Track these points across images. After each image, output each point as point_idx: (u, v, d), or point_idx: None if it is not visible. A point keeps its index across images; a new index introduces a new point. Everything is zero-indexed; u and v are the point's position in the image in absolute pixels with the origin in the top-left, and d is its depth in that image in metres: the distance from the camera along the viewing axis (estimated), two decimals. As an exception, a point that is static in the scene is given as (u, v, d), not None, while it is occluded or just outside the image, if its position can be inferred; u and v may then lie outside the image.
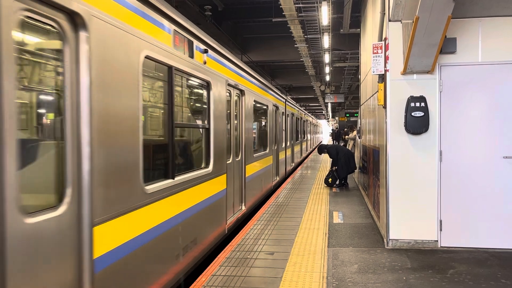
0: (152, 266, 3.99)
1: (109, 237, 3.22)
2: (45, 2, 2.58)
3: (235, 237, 6.54)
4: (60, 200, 2.76)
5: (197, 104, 5.96)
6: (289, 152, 16.25)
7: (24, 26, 2.50)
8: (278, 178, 12.80)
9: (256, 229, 7.04)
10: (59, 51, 2.79)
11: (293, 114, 17.68)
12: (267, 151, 10.80)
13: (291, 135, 17.26)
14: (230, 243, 6.21)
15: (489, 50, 5.81)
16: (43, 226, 2.55)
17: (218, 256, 5.64)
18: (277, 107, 12.67)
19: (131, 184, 3.56)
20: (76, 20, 2.85)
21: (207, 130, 5.93)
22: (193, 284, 4.65)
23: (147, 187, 3.86)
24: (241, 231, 6.94)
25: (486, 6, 5.71)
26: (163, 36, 4.26)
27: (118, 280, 3.37)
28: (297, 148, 19.73)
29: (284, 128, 14.69)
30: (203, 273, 4.97)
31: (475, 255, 5.60)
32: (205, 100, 5.91)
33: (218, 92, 6.24)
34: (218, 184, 6.23)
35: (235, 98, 7.78)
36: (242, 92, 8.09)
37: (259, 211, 8.51)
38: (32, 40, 2.68)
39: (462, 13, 5.71)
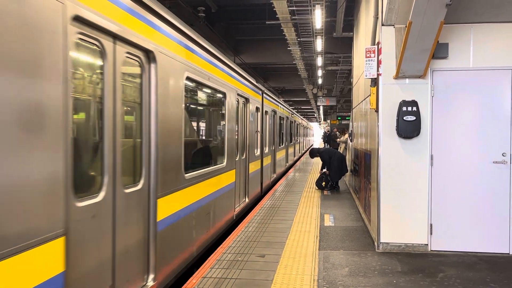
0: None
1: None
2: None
3: (226, 239, 6.53)
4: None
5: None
6: (268, 160, 12.65)
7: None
8: (246, 200, 9.28)
9: (247, 231, 7.02)
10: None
11: (275, 112, 14.21)
12: (224, 164, 7.06)
13: (272, 139, 13.90)
14: (221, 245, 6.19)
15: (481, 56, 5.86)
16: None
17: (209, 258, 5.62)
18: (246, 100, 9.13)
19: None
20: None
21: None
22: (183, 286, 4.63)
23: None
24: (233, 232, 6.93)
25: (478, 12, 5.76)
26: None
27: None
28: (280, 155, 16.38)
29: (259, 130, 11.14)
30: (193, 275, 4.95)
31: (464, 259, 5.64)
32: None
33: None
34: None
35: None
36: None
37: (250, 213, 8.51)
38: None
39: (454, 19, 5.76)
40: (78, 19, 2.91)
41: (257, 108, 10.67)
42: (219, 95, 7.01)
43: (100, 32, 3.24)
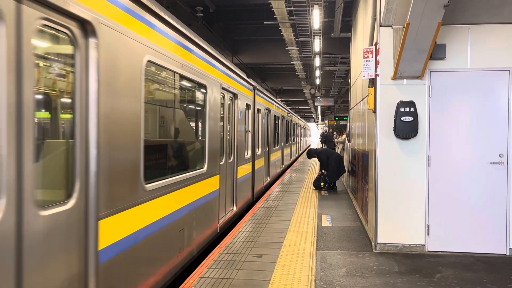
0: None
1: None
2: None
3: (224, 239, 6.52)
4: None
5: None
6: (260, 163, 11.36)
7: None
8: (234, 209, 8.34)
9: (244, 231, 7.02)
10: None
11: (269, 111, 12.99)
12: (204, 169, 5.99)
13: (266, 140, 12.67)
14: (218, 245, 6.19)
15: (478, 57, 5.88)
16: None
17: (207, 258, 5.61)
18: (234, 95, 8.08)
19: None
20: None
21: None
22: (181, 286, 4.63)
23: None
24: (230, 233, 6.92)
25: (475, 13, 5.77)
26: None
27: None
28: (275, 157, 15.06)
29: (250, 129, 10.03)
30: (191, 275, 4.95)
31: (461, 260, 5.65)
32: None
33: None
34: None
35: None
36: None
37: (247, 214, 8.50)
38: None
39: (452, 20, 5.77)
40: None
41: (247, 106, 9.51)
42: (198, 88, 5.89)
43: None
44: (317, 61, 16.73)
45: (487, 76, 5.90)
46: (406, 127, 5.88)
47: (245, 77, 9.02)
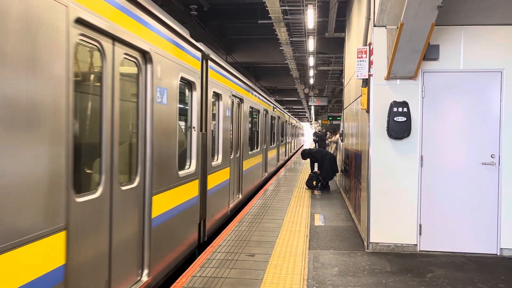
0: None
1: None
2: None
3: (216, 238, 6.52)
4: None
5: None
6: (225, 174, 7.96)
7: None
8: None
9: (237, 230, 7.02)
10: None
11: (241, 100, 9.58)
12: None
13: (235, 142, 9.25)
14: (211, 244, 6.18)
15: (471, 58, 5.91)
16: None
17: (199, 257, 5.60)
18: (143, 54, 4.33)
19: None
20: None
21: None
22: (173, 285, 4.61)
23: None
24: (223, 232, 6.92)
25: (468, 15, 5.80)
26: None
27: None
28: (253, 163, 11.41)
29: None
30: (183, 274, 4.93)
31: (453, 260, 5.69)
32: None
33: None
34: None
35: None
36: None
37: (240, 213, 8.50)
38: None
39: (445, 21, 5.79)
40: None
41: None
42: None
43: None
44: (311, 61, 16.75)
45: (479, 77, 5.93)
46: (399, 127, 5.90)
47: (184, 33, 5.42)
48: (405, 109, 5.88)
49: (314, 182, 12.01)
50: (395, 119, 5.88)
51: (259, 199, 10.17)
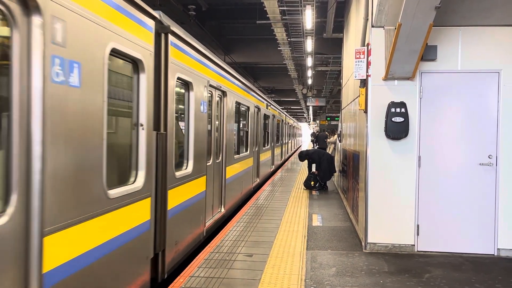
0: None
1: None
2: None
3: (214, 238, 6.51)
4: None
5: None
6: (199, 185, 6.34)
7: None
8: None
9: (235, 230, 7.01)
10: None
11: (223, 93, 7.94)
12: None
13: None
14: (209, 244, 6.17)
15: (468, 59, 5.92)
16: None
17: (197, 257, 5.60)
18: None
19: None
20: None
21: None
22: (170, 285, 4.61)
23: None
24: (220, 232, 6.91)
25: (466, 15, 5.82)
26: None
27: None
28: (243, 166, 10.08)
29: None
30: (181, 274, 4.93)
31: (450, 260, 5.69)
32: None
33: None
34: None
35: None
36: None
37: (239, 213, 8.49)
38: None
39: (443, 22, 5.80)
40: None
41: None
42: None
43: None
44: (309, 61, 16.77)
45: (477, 77, 5.95)
46: (397, 127, 5.90)
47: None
48: (403, 110, 5.89)
49: (312, 183, 12.03)
50: (393, 119, 5.89)
51: (257, 199, 10.16)
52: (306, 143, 54.73)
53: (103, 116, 3.39)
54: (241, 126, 10.29)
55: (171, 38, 4.87)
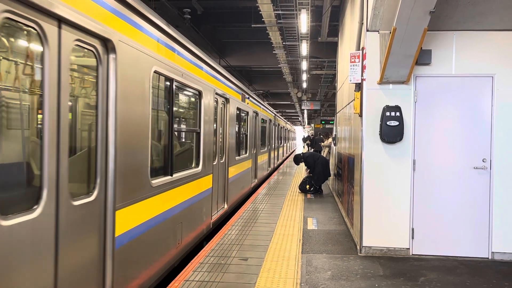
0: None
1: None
2: None
3: (209, 243, 6.49)
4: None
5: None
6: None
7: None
8: None
9: (230, 234, 7.00)
10: None
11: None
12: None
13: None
14: (204, 248, 6.16)
15: (463, 63, 5.96)
16: None
17: (192, 261, 5.58)
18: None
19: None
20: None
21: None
22: (165, 290, 4.59)
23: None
24: (215, 235, 6.89)
25: (460, 20, 5.85)
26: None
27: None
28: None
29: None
30: (176, 278, 4.91)
31: (445, 263, 5.71)
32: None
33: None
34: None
35: None
36: None
37: (233, 216, 8.47)
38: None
39: (437, 26, 5.84)
40: None
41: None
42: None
43: None
44: (304, 65, 16.80)
45: (471, 82, 5.98)
46: (391, 131, 5.92)
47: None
48: (397, 114, 5.91)
49: (307, 186, 12.03)
50: (387, 123, 5.91)
51: (252, 202, 10.15)
52: (301, 146, 54.77)
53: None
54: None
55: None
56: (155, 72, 4.66)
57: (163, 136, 5.26)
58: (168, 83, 5.21)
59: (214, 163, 7.56)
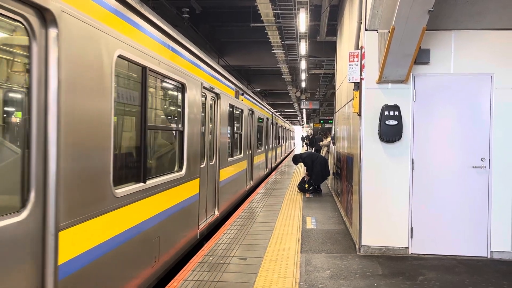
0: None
1: None
2: None
3: (208, 242, 6.49)
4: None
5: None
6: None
7: None
8: None
9: (229, 233, 7.00)
10: None
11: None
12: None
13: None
14: (202, 248, 6.15)
15: (461, 62, 5.96)
16: None
17: (191, 260, 5.58)
18: None
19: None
20: None
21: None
22: (164, 289, 4.59)
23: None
24: (214, 235, 6.89)
25: (459, 19, 5.86)
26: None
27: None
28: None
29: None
30: (175, 278, 4.91)
31: (444, 262, 5.71)
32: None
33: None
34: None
35: None
36: None
37: (232, 216, 8.47)
38: None
39: (436, 25, 5.85)
40: None
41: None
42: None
43: None
44: (303, 64, 16.80)
45: (470, 81, 5.99)
46: (390, 130, 5.93)
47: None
48: (396, 113, 5.91)
49: (306, 185, 12.04)
50: (386, 122, 5.91)
51: (251, 202, 10.15)
52: (300, 146, 54.76)
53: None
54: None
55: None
56: (120, 57, 3.82)
57: (134, 136, 4.43)
58: (140, 72, 4.39)
59: (202, 166, 6.82)
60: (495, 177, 5.93)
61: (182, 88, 5.76)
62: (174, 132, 5.69)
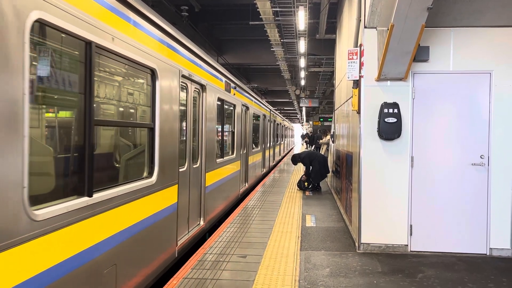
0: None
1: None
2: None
3: (208, 240, 6.49)
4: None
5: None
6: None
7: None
8: None
9: (229, 231, 7.00)
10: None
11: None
12: None
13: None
14: (202, 246, 6.16)
15: (460, 59, 5.96)
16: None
17: (190, 258, 5.58)
18: None
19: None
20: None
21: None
22: (164, 287, 4.59)
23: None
24: (214, 233, 6.90)
25: (458, 17, 5.85)
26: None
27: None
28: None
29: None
30: (174, 276, 4.91)
31: (443, 260, 5.72)
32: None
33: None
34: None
35: None
36: None
37: (232, 214, 8.48)
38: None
39: (435, 23, 5.84)
40: None
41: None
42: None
43: None
44: (302, 62, 16.79)
45: (469, 78, 5.98)
46: (389, 128, 5.93)
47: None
48: (395, 110, 5.91)
49: (306, 183, 12.04)
50: (385, 120, 5.91)
51: (250, 200, 10.15)
52: (299, 144, 54.75)
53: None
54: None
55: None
56: (39, 21, 2.75)
57: (71, 133, 3.39)
58: (78, 46, 3.31)
59: (182, 169, 5.85)
60: (494, 174, 5.93)
61: (152, 74, 4.71)
62: (139, 129, 4.63)
